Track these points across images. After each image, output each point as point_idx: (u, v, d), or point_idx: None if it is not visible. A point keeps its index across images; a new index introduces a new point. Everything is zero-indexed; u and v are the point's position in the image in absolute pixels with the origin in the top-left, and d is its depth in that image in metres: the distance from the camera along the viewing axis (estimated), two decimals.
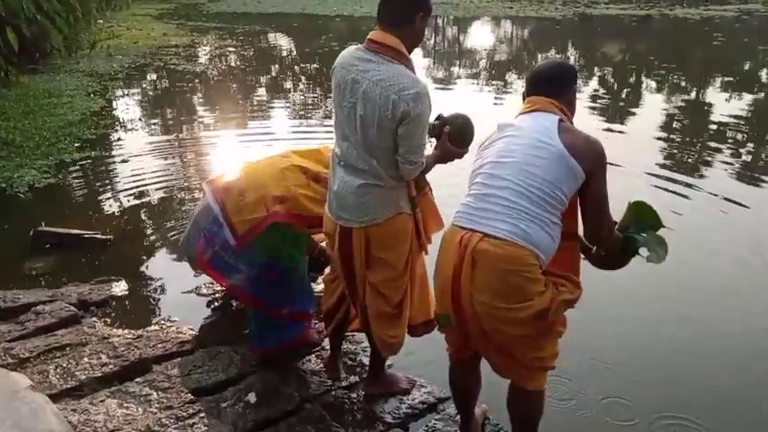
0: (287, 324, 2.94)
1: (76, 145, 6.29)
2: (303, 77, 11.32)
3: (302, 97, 9.68)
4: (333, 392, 2.79)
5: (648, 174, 5.79)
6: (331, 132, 2.48)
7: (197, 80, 10.17)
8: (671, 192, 5.39)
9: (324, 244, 3.03)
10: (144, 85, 9.86)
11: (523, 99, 2.28)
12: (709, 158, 6.50)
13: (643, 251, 2.27)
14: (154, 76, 10.37)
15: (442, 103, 2.25)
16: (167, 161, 6.15)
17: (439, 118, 2.45)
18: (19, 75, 8.47)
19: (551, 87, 2.18)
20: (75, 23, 10.63)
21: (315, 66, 12.16)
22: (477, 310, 1.98)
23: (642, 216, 2.29)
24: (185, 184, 5.51)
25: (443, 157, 2.44)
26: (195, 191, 5.21)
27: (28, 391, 0.96)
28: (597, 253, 2.30)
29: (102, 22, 13.56)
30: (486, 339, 2.06)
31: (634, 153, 6.32)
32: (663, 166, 6.11)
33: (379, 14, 2.25)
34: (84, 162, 5.90)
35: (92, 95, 8.48)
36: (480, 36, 17.48)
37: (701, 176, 5.92)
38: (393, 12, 2.22)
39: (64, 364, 2.77)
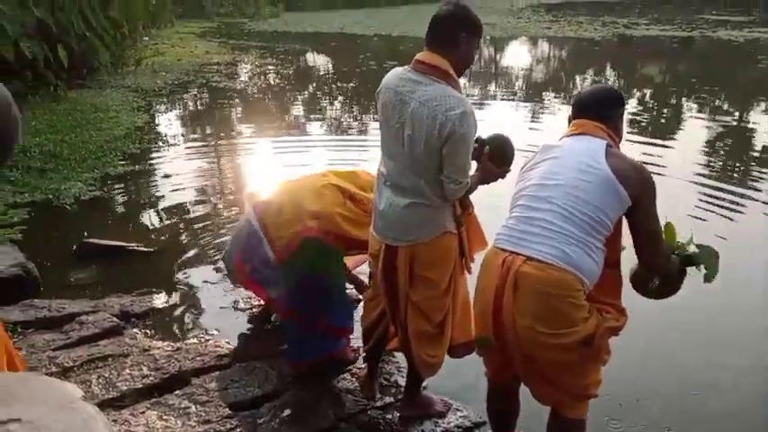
0: (324, 337, 2.96)
1: (121, 159, 6.46)
2: (340, 95, 11.44)
3: (339, 113, 9.78)
4: (368, 412, 2.78)
5: (695, 190, 5.67)
6: (365, 146, 2.50)
7: (238, 97, 10.37)
8: (717, 213, 5.27)
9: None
10: (186, 102, 10.09)
11: (569, 122, 2.27)
12: (756, 184, 6.33)
13: (698, 268, 2.22)
14: (196, 93, 10.60)
15: (479, 123, 2.24)
16: (208, 176, 6.27)
17: (478, 140, 2.45)
18: (67, 89, 8.76)
19: (599, 112, 2.16)
20: (121, 40, 10.96)
21: (352, 84, 12.29)
22: (518, 334, 1.96)
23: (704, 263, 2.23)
24: (226, 198, 5.61)
25: (486, 177, 2.44)
26: (235, 206, 5.30)
27: (81, 402, 0.97)
28: (655, 285, 2.24)
29: (147, 39, 13.94)
30: (527, 364, 2.03)
31: (676, 173, 6.21)
32: (705, 186, 5.98)
33: (427, 36, 2.26)
34: (127, 175, 6.06)
35: (136, 111, 8.71)
36: (517, 56, 17.43)
37: (746, 200, 5.77)
38: (440, 33, 2.24)
39: (106, 375, 2.83)
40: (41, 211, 4.99)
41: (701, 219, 5.14)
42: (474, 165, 2.41)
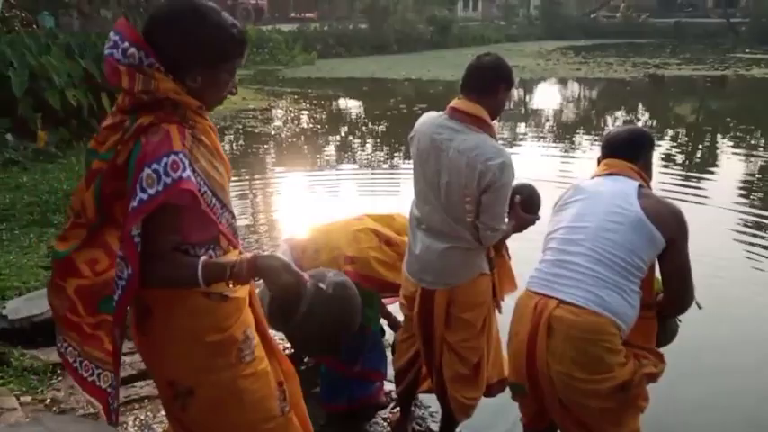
0: (358, 382, 2.94)
1: None
2: (371, 137, 11.62)
3: (370, 155, 9.92)
4: None
5: (732, 230, 5.55)
6: (396, 186, 2.56)
7: (272, 141, 10.60)
8: (754, 253, 5.14)
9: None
10: (225, 147, 10.34)
11: (598, 162, 2.28)
12: None
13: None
14: (233, 138, 10.88)
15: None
16: (245, 220, 6.39)
17: None
18: None
19: (630, 151, 2.17)
20: None
21: (382, 127, 12.47)
22: (553, 380, 1.94)
23: None
24: (261, 240, 5.69)
25: (519, 225, 2.49)
26: (270, 249, 5.36)
27: None
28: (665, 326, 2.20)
29: None
30: (563, 411, 2.00)
31: (713, 213, 6.11)
32: (743, 225, 5.86)
33: (464, 84, 2.32)
34: None
35: None
36: (547, 97, 17.51)
37: None
38: (478, 82, 2.29)
39: (142, 417, 2.86)
40: None
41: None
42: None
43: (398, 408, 2.93)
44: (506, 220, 2.41)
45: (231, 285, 1.49)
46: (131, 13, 13.21)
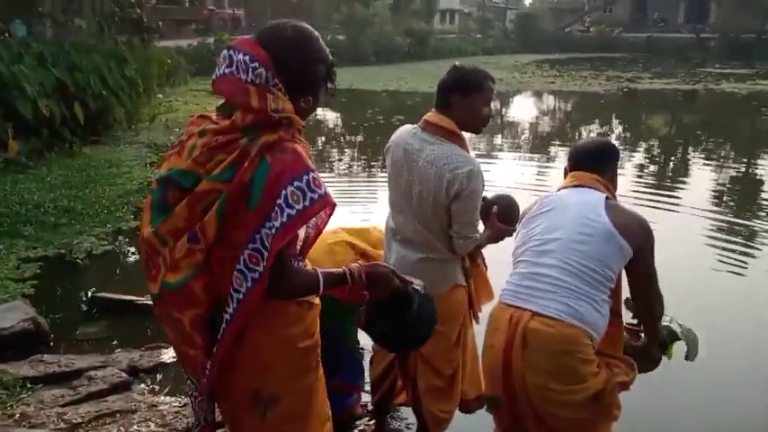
0: (338, 396, 2.92)
1: (133, 213, 6.54)
2: (348, 148, 11.64)
3: (348, 165, 9.93)
4: None
5: (703, 244, 5.66)
6: (373, 194, 2.57)
7: None
8: (726, 263, 5.25)
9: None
10: None
11: (565, 174, 2.31)
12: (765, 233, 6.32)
13: (680, 345, 2.23)
14: None
15: (488, 174, 2.31)
16: None
17: (484, 199, 2.51)
18: (82, 146, 8.96)
19: (596, 164, 2.21)
20: (137, 98, 11.26)
21: (360, 138, 12.50)
22: (529, 392, 1.95)
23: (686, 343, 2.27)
24: None
25: (495, 236, 2.49)
26: None
27: None
28: (638, 344, 2.23)
29: (161, 96, 14.30)
30: (538, 422, 2.01)
31: (685, 224, 6.23)
32: (714, 239, 5.98)
33: (436, 99, 2.36)
34: (139, 230, 6.11)
35: (149, 166, 8.86)
36: (523, 109, 17.73)
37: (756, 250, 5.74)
38: (438, 96, 2.35)
39: (114, 431, 2.81)
40: (53, 266, 5.03)
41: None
42: (480, 223, 2.45)
43: (374, 420, 2.92)
44: (481, 228, 2.42)
45: (347, 290, 1.61)
46: (106, 22, 13.13)
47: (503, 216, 2.49)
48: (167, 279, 1.47)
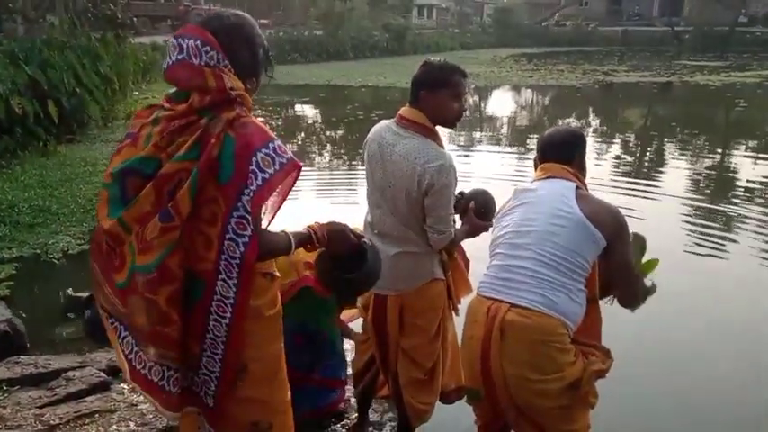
0: (318, 390, 2.93)
1: None
2: (328, 143, 11.61)
3: (329, 159, 9.91)
4: None
5: (679, 233, 5.75)
6: (353, 188, 2.57)
7: None
8: (701, 254, 5.35)
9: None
10: None
11: (535, 166, 2.34)
12: (740, 223, 6.44)
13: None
14: None
15: (464, 167, 2.32)
16: None
17: (461, 195, 2.52)
18: (57, 144, 8.82)
19: (563, 153, 2.24)
20: (112, 95, 11.11)
21: (340, 133, 12.48)
22: (507, 382, 1.97)
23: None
24: None
25: (472, 231, 2.49)
26: None
27: None
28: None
29: (137, 93, 14.13)
30: (517, 412, 2.04)
31: (660, 216, 6.32)
32: (689, 230, 6.08)
33: (410, 95, 2.37)
34: None
35: None
36: (501, 103, 17.83)
37: (731, 240, 5.85)
38: (411, 92, 2.35)
39: (93, 431, 2.78)
40: (29, 267, 4.96)
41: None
42: (457, 218, 2.46)
43: (356, 414, 2.92)
44: (458, 223, 2.43)
45: (308, 249, 1.75)
46: (80, 18, 12.90)
47: (479, 211, 2.50)
48: (138, 263, 1.52)
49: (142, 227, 1.51)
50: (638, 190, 7.48)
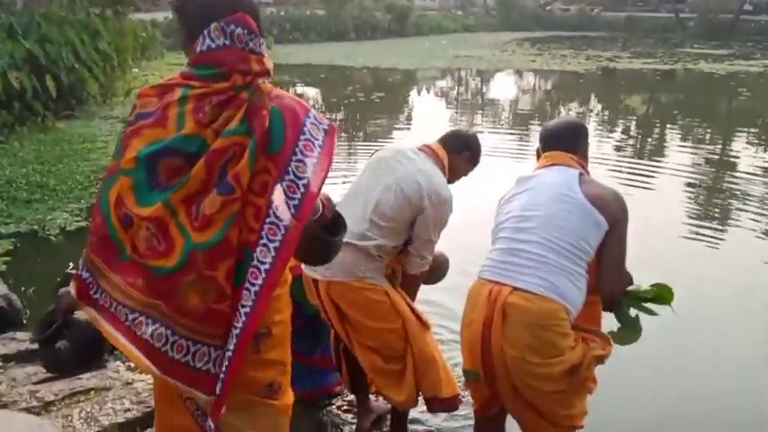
0: (319, 371, 2.95)
1: None
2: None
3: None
4: None
5: (678, 225, 5.74)
6: (353, 172, 2.55)
7: None
8: (699, 242, 5.34)
9: None
10: None
11: (538, 156, 2.32)
12: (738, 212, 6.42)
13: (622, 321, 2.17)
14: None
15: None
16: None
17: None
18: (55, 120, 8.76)
19: (568, 143, 2.23)
20: (111, 72, 11.02)
21: (340, 115, 12.41)
22: (507, 365, 1.96)
23: (657, 298, 2.16)
24: None
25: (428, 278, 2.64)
26: None
27: None
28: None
29: (137, 70, 14.02)
30: (515, 396, 2.03)
31: (660, 205, 6.31)
32: (690, 218, 6.07)
33: (443, 135, 2.59)
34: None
35: None
36: (503, 87, 17.73)
37: (728, 230, 5.84)
38: (453, 141, 2.57)
39: (88, 409, 2.77)
40: (26, 243, 4.94)
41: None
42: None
43: (353, 396, 2.92)
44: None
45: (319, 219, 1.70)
46: None
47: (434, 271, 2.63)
48: (197, 240, 1.48)
49: (189, 206, 1.48)
50: (638, 175, 7.45)
